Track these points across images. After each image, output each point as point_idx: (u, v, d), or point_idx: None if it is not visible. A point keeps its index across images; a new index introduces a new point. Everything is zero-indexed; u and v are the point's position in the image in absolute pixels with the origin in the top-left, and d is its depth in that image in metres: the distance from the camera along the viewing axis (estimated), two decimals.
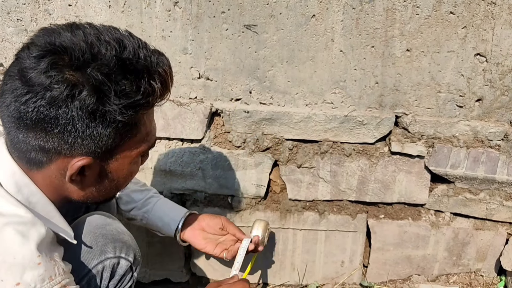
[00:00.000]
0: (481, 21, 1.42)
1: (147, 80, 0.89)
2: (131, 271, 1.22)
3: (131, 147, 0.96)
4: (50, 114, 0.84)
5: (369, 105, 1.56)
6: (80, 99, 0.83)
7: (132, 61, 0.87)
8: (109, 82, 0.85)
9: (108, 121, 0.87)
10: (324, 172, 1.66)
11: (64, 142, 0.87)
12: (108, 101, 0.85)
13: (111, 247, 1.15)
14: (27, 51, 0.85)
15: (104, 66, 0.84)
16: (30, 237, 0.86)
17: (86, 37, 0.86)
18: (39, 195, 0.93)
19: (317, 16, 1.45)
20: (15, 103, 0.84)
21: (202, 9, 1.47)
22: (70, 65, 0.84)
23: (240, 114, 1.58)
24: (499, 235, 1.71)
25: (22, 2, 1.51)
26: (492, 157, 1.58)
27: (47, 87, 0.82)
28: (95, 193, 1.00)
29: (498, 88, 1.50)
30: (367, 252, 1.82)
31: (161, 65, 0.92)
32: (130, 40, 0.90)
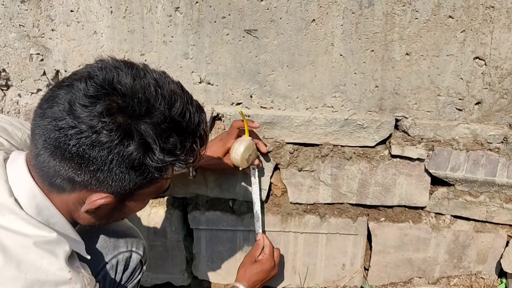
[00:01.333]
0: (480, 25, 1.43)
1: (191, 141, 0.93)
2: (141, 265, 1.31)
3: (149, 191, 0.99)
4: (91, 153, 0.85)
5: (369, 109, 1.57)
6: (127, 150, 0.85)
7: (182, 122, 0.90)
8: (158, 139, 0.87)
9: (144, 172, 0.90)
10: (325, 176, 1.67)
11: (95, 179, 0.88)
12: (152, 156, 0.88)
13: (123, 242, 1.23)
14: (84, 85, 0.85)
15: (156, 124, 0.86)
16: (58, 255, 0.90)
17: (146, 89, 0.87)
18: (58, 216, 0.95)
19: (317, 20, 1.46)
20: (57, 132, 0.85)
21: (203, 14, 1.48)
22: (124, 113, 0.85)
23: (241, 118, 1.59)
24: (500, 237, 1.72)
25: (24, 8, 1.53)
26: (492, 160, 1.59)
27: (97, 130, 0.83)
28: (103, 222, 1.04)
29: (497, 91, 1.51)
30: (368, 255, 1.82)
31: (202, 126, 0.96)
32: (181, 95, 0.92)
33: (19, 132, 1.11)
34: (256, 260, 1.59)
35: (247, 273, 1.55)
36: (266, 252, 1.60)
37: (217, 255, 1.82)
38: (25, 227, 0.88)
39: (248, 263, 1.58)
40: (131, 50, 1.55)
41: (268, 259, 1.59)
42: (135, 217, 1.74)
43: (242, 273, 1.56)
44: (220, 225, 1.76)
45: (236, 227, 1.76)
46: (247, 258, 1.60)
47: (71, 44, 1.56)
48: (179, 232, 1.78)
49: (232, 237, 1.78)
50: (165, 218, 1.76)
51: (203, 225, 1.76)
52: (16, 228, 0.87)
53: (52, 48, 1.58)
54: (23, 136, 1.10)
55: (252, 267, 1.56)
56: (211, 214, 1.74)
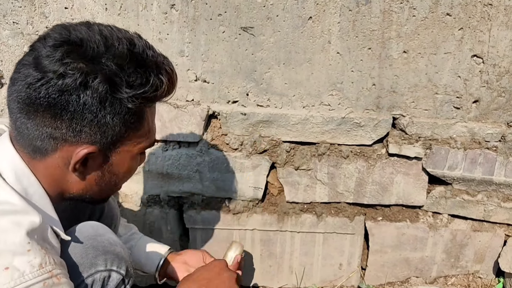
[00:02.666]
0: (478, 22, 1.42)
1: (156, 74, 0.94)
2: (123, 284, 1.16)
3: (133, 141, 0.99)
4: (61, 101, 0.86)
5: (366, 107, 1.56)
6: (92, 87, 0.87)
7: (142, 56, 0.92)
8: (121, 73, 0.89)
9: (117, 110, 0.91)
10: (322, 174, 1.66)
11: (72, 130, 0.90)
12: (119, 90, 0.89)
13: (101, 259, 1.10)
14: (42, 41, 0.88)
15: (117, 58, 0.89)
16: (21, 225, 0.87)
17: (101, 32, 0.90)
18: (37, 186, 0.95)
19: (314, 18, 1.45)
20: (27, 89, 0.87)
21: (199, 12, 1.47)
22: (85, 55, 0.87)
23: (237, 117, 1.58)
24: (497, 236, 1.71)
25: (18, 5, 1.51)
26: (490, 159, 1.58)
27: (61, 74, 0.85)
28: (94, 186, 1.01)
29: (495, 89, 1.50)
30: (365, 255, 1.81)
31: (166, 64, 0.98)
32: (140, 40, 0.95)
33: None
34: None
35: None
36: None
37: (213, 254, 1.80)
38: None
39: None
40: None
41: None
42: (131, 217, 1.73)
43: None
44: (215, 224, 1.74)
45: (231, 227, 1.74)
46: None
47: None
48: (175, 232, 1.77)
49: (228, 236, 1.77)
50: (161, 218, 1.74)
51: (199, 225, 1.75)
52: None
53: None
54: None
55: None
56: (206, 213, 1.73)
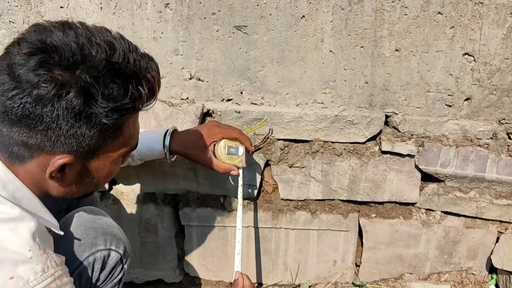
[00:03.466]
0: (469, 21, 1.44)
1: (135, 85, 0.89)
2: (122, 263, 1.25)
3: (113, 148, 0.97)
4: (35, 112, 0.84)
5: (359, 105, 1.57)
6: (67, 99, 0.83)
7: (121, 65, 0.88)
8: (97, 85, 0.85)
9: (93, 122, 0.87)
10: (316, 172, 1.67)
11: (47, 140, 0.87)
12: (95, 103, 0.85)
13: (101, 239, 1.18)
14: (17, 47, 0.85)
15: (93, 69, 0.84)
16: (19, 232, 0.87)
17: (78, 38, 0.86)
18: (23, 190, 0.93)
19: (307, 17, 1.46)
20: (2, 97, 0.84)
21: (193, 11, 1.48)
22: (59, 65, 0.83)
23: (231, 114, 1.59)
24: (490, 233, 1.72)
25: (14, 4, 1.52)
26: (481, 156, 1.60)
27: (35, 85, 0.82)
28: (74, 190, 1.01)
29: (486, 87, 1.52)
30: (359, 251, 1.83)
31: (149, 70, 0.93)
32: (121, 43, 0.90)
33: None
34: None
35: None
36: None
37: (209, 252, 1.82)
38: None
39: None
40: None
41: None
42: (126, 213, 1.74)
43: None
44: (211, 221, 1.76)
45: (227, 224, 1.76)
46: None
47: None
48: (170, 229, 1.79)
49: (223, 233, 1.78)
50: (156, 215, 1.76)
51: (195, 222, 1.77)
52: None
53: None
54: None
55: None
56: (202, 211, 1.75)
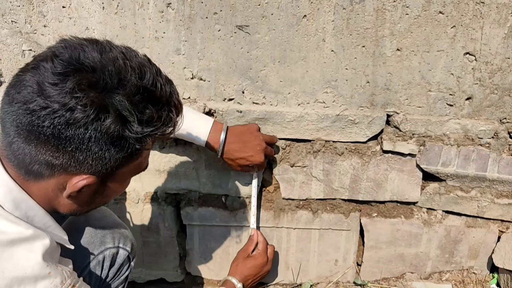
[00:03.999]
0: (470, 20, 1.44)
1: (167, 111, 0.91)
2: (129, 261, 1.30)
3: (130, 170, 0.98)
4: (66, 133, 0.82)
5: (360, 104, 1.58)
6: (103, 124, 0.83)
7: (155, 91, 0.89)
8: (134, 110, 0.85)
9: (123, 146, 0.88)
10: (317, 171, 1.68)
11: (74, 161, 0.86)
12: (130, 128, 0.86)
13: (110, 237, 1.24)
14: (50, 64, 0.82)
15: (130, 93, 0.85)
16: (35, 250, 0.89)
17: (114, 61, 0.85)
18: (36, 209, 0.93)
19: (308, 16, 1.47)
20: (28, 115, 0.82)
21: (195, 10, 1.48)
22: (96, 88, 0.82)
23: (233, 114, 1.60)
24: (491, 232, 1.73)
25: (16, 4, 1.53)
26: (483, 155, 1.60)
27: (71, 107, 0.80)
28: (84, 207, 1.01)
29: (487, 86, 1.52)
30: (361, 251, 1.83)
31: (175, 96, 0.95)
32: (149, 67, 0.90)
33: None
34: (249, 255, 1.60)
35: (240, 267, 1.57)
36: (260, 248, 1.62)
37: (210, 251, 1.83)
38: (2, 223, 0.87)
39: (241, 258, 1.60)
40: None
41: (261, 254, 1.60)
42: (127, 213, 1.75)
43: (235, 268, 1.58)
44: (213, 221, 1.76)
45: (229, 223, 1.76)
46: (241, 253, 1.63)
47: None
48: (172, 228, 1.79)
49: (225, 233, 1.79)
50: (158, 214, 1.76)
51: (196, 221, 1.77)
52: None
53: (44, 44, 1.58)
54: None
55: (245, 262, 1.58)
56: (204, 210, 1.75)
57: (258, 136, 1.53)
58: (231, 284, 1.53)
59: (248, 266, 1.57)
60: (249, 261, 1.58)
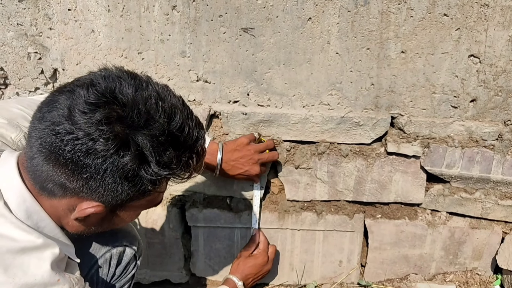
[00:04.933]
0: (475, 23, 1.45)
1: (187, 157, 0.92)
2: (135, 260, 1.32)
3: (141, 204, 0.99)
4: (85, 160, 0.84)
5: (365, 106, 1.58)
6: (122, 160, 0.84)
7: (179, 136, 0.90)
8: (154, 152, 0.86)
9: (137, 183, 0.89)
10: (322, 173, 1.68)
11: (87, 187, 0.88)
12: (147, 168, 0.87)
13: (117, 236, 1.26)
14: (85, 91, 0.85)
15: (154, 135, 0.86)
16: (45, 259, 0.92)
17: (147, 101, 0.87)
18: (47, 220, 0.96)
19: (313, 19, 1.47)
20: (53, 136, 0.84)
21: (200, 13, 1.49)
22: (123, 123, 0.84)
23: (238, 116, 1.60)
24: (495, 233, 1.73)
25: (22, 7, 1.53)
26: (487, 157, 1.60)
27: (94, 138, 0.83)
28: (91, 230, 1.03)
29: (491, 88, 1.52)
30: (365, 252, 1.84)
31: (200, 142, 0.95)
32: (181, 109, 0.91)
33: (14, 132, 1.09)
34: (250, 255, 1.64)
35: (241, 266, 1.61)
36: (261, 248, 1.66)
37: (215, 253, 1.83)
38: (14, 231, 0.89)
39: (243, 257, 1.64)
40: (128, 48, 1.56)
41: (262, 254, 1.64)
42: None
43: (236, 266, 1.62)
44: (217, 222, 1.77)
45: (233, 225, 1.77)
46: (242, 252, 1.67)
47: (68, 43, 1.57)
48: (177, 230, 1.79)
49: (229, 234, 1.79)
50: (163, 216, 1.77)
51: (201, 223, 1.77)
52: (5, 232, 0.88)
53: (50, 46, 1.58)
54: (17, 136, 1.08)
55: (246, 261, 1.62)
56: (208, 212, 1.75)
57: (249, 149, 1.54)
58: (232, 282, 1.57)
59: (249, 265, 1.61)
60: (250, 260, 1.62)
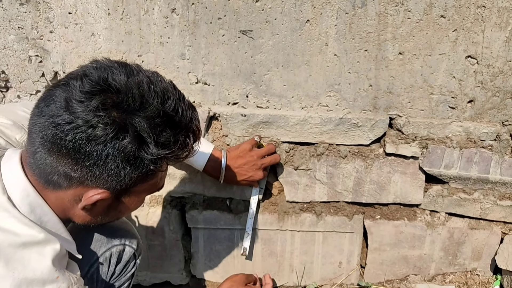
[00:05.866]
0: (472, 24, 1.46)
1: (184, 136, 0.95)
2: (135, 258, 1.33)
3: (145, 188, 1.02)
4: (86, 148, 0.87)
5: (363, 108, 1.59)
6: (121, 143, 0.87)
7: (175, 116, 0.93)
8: (152, 133, 0.89)
9: (139, 165, 0.92)
10: (321, 174, 1.69)
11: (91, 175, 0.90)
12: (146, 149, 0.90)
13: (116, 235, 1.27)
14: (79, 82, 0.88)
15: (150, 116, 0.89)
16: (46, 254, 0.92)
17: (139, 85, 0.90)
18: (50, 214, 0.97)
19: (311, 21, 1.48)
20: (53, 128, 0.87)
21: (199, 16, 1.50)
22: (119, 108, 0.87)
23: (237, 118, 1.62)
24: (494, 234, 1.74)
25: (23, 10, 1.55)
26: (485, 157, 1.61)
27: (93, 124, 0.85)
28: (98, 220, 1.05)
29: (489, 89, 1.53)
30: (364, 253, 1.84)
31: (195, 122, 0.98)
32: (173, 92, 0.94)
33: (18, 133, 1.12)
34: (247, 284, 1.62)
35: None
36: None
37: (215, 254, 1.84)
38: (16, 225, 0.90)
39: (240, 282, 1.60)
40: (128, 51, 1.57)
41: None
42: (132, 216, 1.76)
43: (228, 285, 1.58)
44: (217, 224, 1.78)
45: (233, 226, 1.78)
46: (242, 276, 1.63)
47: (69, 46, 1.58)
48: (177, 231, 1.80)
49: (229, 235, 1.80)
50: (163, 218, 1.78)
51: (201, 224, 1.78)
52: (7, 226, 0.90)
53: (50, 49, 1.60)
54: (22, 137, 1.11)
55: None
56: (208, 213, 1.76)
57: (252, 155, 1.55)
58: None
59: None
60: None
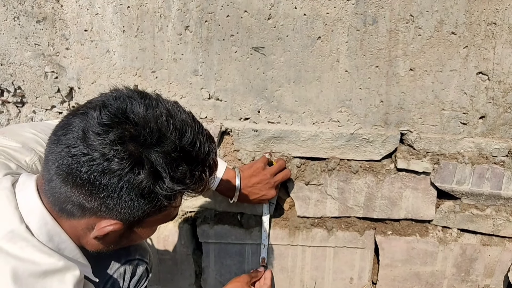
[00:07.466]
0: (482, 40, 1.47)
1: (200, 171, 0.95)
2: (147, 272, 1.34)
3: (158, 219, 1.02)
4: (101, 180, 0.87)
5: (374, 123, 1.60)
6: (136, 178, 0.87)
7: (191, 151, 0.93)
8: (168, 168, 0.89)
9: (152, 199, 0.92)
10: (332, 189, 1.69)
11: (105, 206, 0.91)
12: (161, 184, 0.90)
13: (130, 250, 1.28)
14: (98, 113, 0.88)
15: (167, 152, 0.89)
16: (67, 282, 0.93)
17: (158, 118, 0.90)
18: (68, 242, 0.98)
19: (323, 38, 1.50)
20: (69, 158, 0.87)
21: (212, 33, 1.53)
22: (136, 142, 0.87)
23: (249, 133, 1.63)
24: (507, 250, 1.72)
25: (39, 27, 1.58)
26: (497, 173, 1.61)
27: (109, 158, 0.86)
28: (110, 248, 1.06)
29: (500, 105, 1.54)
30: (376, 269, 1.83)
31: (212, 155, 0.98)
32: (192, 125, 0.95)
33: (28, 155, 1.12)
34: (251, 285, 1.62)
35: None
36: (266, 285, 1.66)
37: (226, 269, 1.84)
38: (36, 254, 0.91)
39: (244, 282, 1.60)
40: (142, 67, 1.59)
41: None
42: None
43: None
44: (228, 238, 1.78)
45: (244, 241, 1.78)
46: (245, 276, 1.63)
47: (84, 62, 1.61)
48: (188, 246, 1.81)
49: (240, 250, 1.80)
50: (174, 232, 1.78)
51: (212, 239, 1.79)
52: (27, 256, 0.90)
53: (66, 66, 1.63)
54: (32, 159, 1.12)
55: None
56: (219, 228, 1.77)
57: (265, 174, 1.55)
58: None
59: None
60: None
